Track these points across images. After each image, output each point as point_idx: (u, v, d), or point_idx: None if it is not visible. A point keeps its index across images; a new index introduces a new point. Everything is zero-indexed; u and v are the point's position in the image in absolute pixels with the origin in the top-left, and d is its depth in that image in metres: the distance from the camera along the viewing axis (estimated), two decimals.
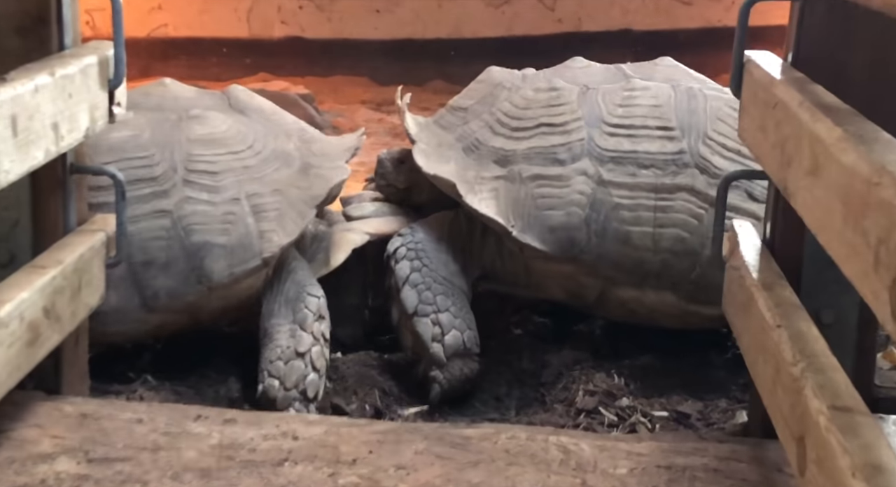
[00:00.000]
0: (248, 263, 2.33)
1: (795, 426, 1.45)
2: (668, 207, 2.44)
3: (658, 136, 2.50)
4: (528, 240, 2.44)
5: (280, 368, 2.28)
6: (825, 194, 1.37)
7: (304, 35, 6.40)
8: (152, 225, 2.29)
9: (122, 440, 1.79)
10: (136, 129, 2.37)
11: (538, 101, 2.59)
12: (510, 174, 2.51)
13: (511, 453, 1.84)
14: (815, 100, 1.53)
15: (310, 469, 1.75)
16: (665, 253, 2.44)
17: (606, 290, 2.51)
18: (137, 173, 2.32)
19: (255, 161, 2.44)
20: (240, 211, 2.35)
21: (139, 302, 2.28)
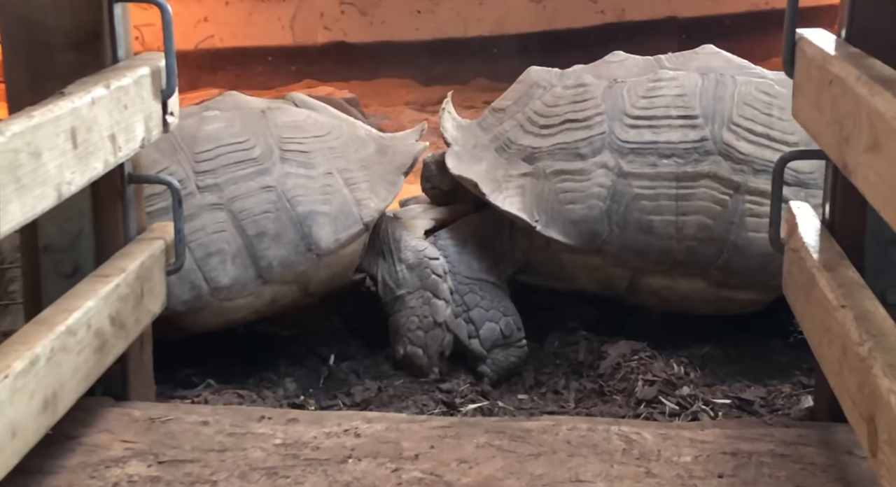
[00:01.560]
0: (350, 228, 2.47)
1: (865, 406, 1.42)
2: (691, 195, 2.45)
3: (680, 125, 2.51)
4: (552, 233, 2.50)
5: (421, 337, 2.48)
6: (888, 169, 1.34)
7: (346, 40, 6.45)
8: (260, 199, 2.42)
9: (189, 442, 1.82)
10: (227, 121, 2.53)
11: (565, 98, 2.64)
12: (536, 170, 2.57)
13: (572, 444, 1.83)
14: (873, 74, 1.50)
15: (373, 465, 1.76)
16: (690, 241, 2.46)
17: (636, 279, 2.54)
18: (237, 156, 2.47)
19: (337, 143, 2.60)
20: (335, 183, 2.50)
21: (254, 273, 2.39)
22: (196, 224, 2.38)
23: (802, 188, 2.44)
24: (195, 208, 2.39)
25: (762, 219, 2.40)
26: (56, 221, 1.94)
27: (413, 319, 2.48)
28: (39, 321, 1.62)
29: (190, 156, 2.45)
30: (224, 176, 2.44)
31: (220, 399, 2.29)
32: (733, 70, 2.61)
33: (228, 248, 2.37)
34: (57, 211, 1.71)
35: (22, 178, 1.46)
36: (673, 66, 2.65)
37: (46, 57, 1.89)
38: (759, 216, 2.43)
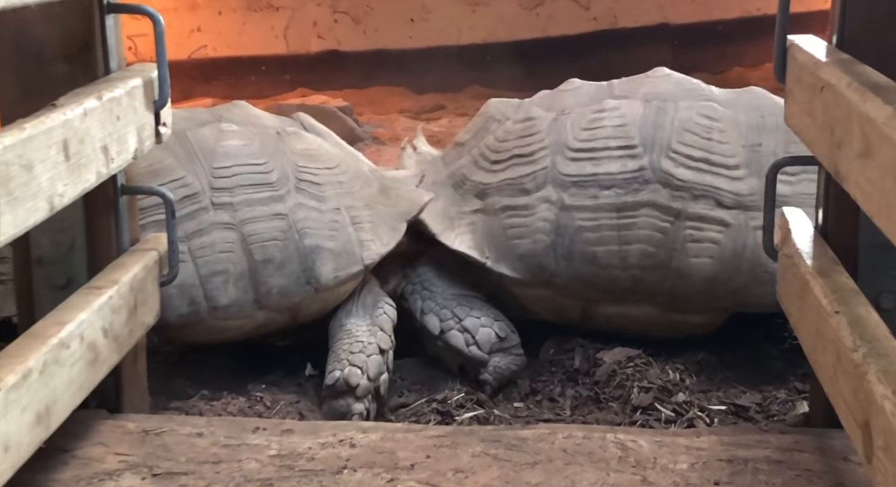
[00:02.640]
0: (350, 267, 2.50)
1: (860, 412, 1.42)
2: (632, 224, 2.51)
3: (619, 156, 2.56)
4: (501, 269, 2.58)
5: (363, 359, 2.40)
6: (879, 175, 1.34)
7: (340, 48, 6.46)
8: (271, 225, 2.45)
9: (184, 454, 1.82)
10: (246, 139, 2.55)
11: (514, 133, 2.71)
12: (486, 206, 2.66)
13: (568, 452, 1.83)
14: (864, 80, 1.50)
15: (368, 475, 1.75)
16: (634, 269, 2.51)
17: (587, 308, 2.60)
18: (255, 178, 2.49)
19: (345, 178, 2.63)
20: (342, 219, 2.53)
21: (253, 297, 2.41)
22: (206, 240, 2.40)
23: (743, 210, 2.48)
24: (207, 224, 2.42)
25: (703, 243, 2.48)
26: (48, 233, 1.93)
27: (357, 344, 2.44)
28: (32, 334, 1.61)
29: (208, 169, 2.47)
30: (240, 196, 2.46)
31: (214, 409, 2.28)
32: (681, 94, 2.65)
33: (233, 270, 2.39)
34: (49, 223, 1.71)
35: (14, 191, 1.46)
36: (622, 92, 2.70)
37: (38, 69, 1.89)
38: (700, 241, 2.50)
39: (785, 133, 2.44)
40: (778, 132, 2.52)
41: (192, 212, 2.42)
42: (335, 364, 2.41)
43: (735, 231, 2.47)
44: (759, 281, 2.43)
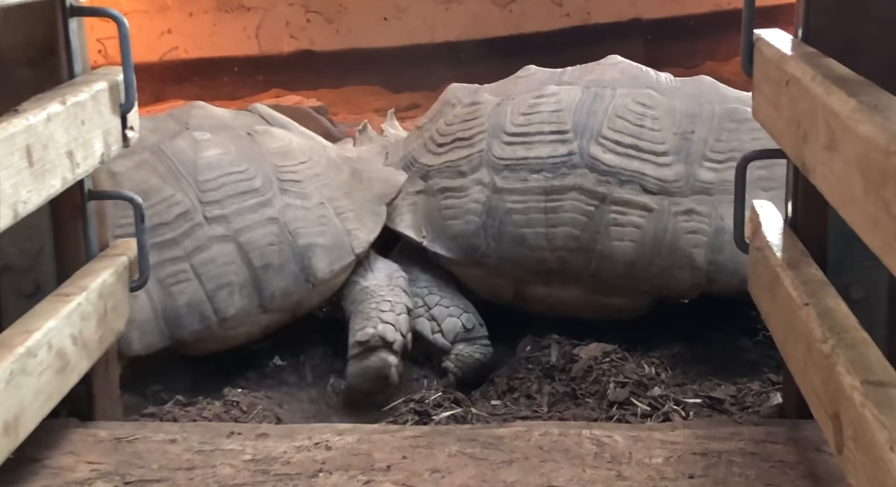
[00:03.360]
0: (343, 259, 2.56)
1: (829, 403, 1.43)
2: (559, 207, 2.56)
3: (551, 141, 2.62)
4: (436, 249, 2.66)
5: (394, 317, 2.50)
6: (844, 167, 1.35)
7: (313, 48, 6.42)
8: (265, 231, 2.49)
9: (157, 461, 1.80)
10: (222, 147, 2.56)
11: (459, 117, 2.78)
12: (427, 188, 2.74)
13: (544, 449, 1.83)
14: (828, 73, 1.51)
15: (344, 478, 1.75)
16: (560, 251, 2.57)
17: (519, 289, 2.67)
18: (241, 186, 2.53)
19: (320, 169, 2.67)
20: (328, 213, 2.58)
21: (258, 302, 2.47)
22: (206, 256, 2.44)
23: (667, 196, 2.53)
24: (205, 239, 2.45)
25: (626, 228, 2.55)
26: (15, 240, 1.91)
27: (385, 303, 2.53)
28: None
29: (193, 183, 2.48)
30: (230, 207, 2.49)
31: (189, 415, 2.26)
32: (623, 81, 2.70)
33: (236, 280, 2.44)
34: (16, 230, 1.69)
35: None
36: (570, 79, 2.75)
37: (0, 74, 1.86)
38: (623, 225, 2.56)
39: (720, 121, 2.49)
40: (713, 120, 2.58)
41: (187, 230, 2.45)
42: (365, 322, 2.49)
43: (657, 216, 2.53)
44: (678, 266, 2.51)
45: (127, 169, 2.46)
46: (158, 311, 2.37)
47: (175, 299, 2.38)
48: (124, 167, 2.46)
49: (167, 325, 2.38)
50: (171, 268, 2.40)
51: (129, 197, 2.07)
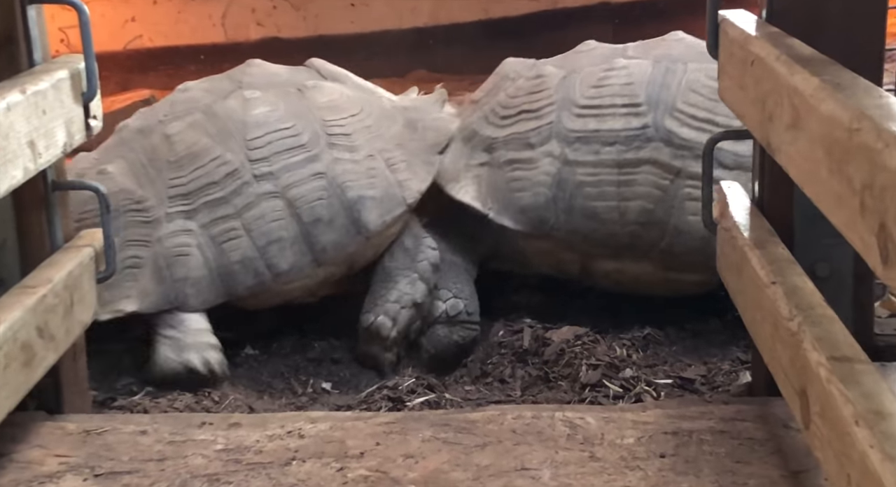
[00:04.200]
0: (394, 210, 2.57)
1: (796, 380, 1.45)
2: (632, 181, 2.53)
3: (624, 114, 2.58)
4: (503, 221, 2.60)
5: (396, 310, 2.52)
6: (808, 146, 1.36)
7: (280, 35, 6.36)
8: (313, 186, 2.52)
9: (127, 453, 1.78)
10: (270, 105, 2.58)
11: (524, 89, 2.72)
12: (492, 160, 2.68)
13: (518, 432, 1.84)
14: (792, 52, 1.52)
15: (318, 465, 1.74)
16: (632, 225, 2.54)
17: (586, 263, 2.63)
18: (288, 142, 2.54)
19: (371, 121, 2.67)
20: (378, 165, 2.59)
21: (311, 257, 2.50)
22: (256, 212, 2.48)
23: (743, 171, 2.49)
24: (253, 197, 2.48)
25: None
26: None
27: (393, 292, 2.54)
28: None
29: (242, 142, 2.52)
30: (278, 164, 2.51)
31: (160, 406, 2.24)
32: (692, 56, 2.67)
33: (287, 235, 2.48)
34: None
35: None
36: (635, 54, 2.72)
37: None
38: (699, 199, 2.45)
39: None
40: None
41: (237, 188, 2.49)
42: (370, 307, 2.54)
43: None
44: None
45: (179, 131, 2.53)
46: (213, 268, 2.44)
47: (228, 256, 2.45)
48: (177, 129, 2.54)
49: (222, 282, 2.44)
50: (223, 226, 2.46)
51: (93, 187, 2.04)
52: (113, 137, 2.67)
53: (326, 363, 2.59)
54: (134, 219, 2.46)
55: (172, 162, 2.51)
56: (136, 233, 2.45)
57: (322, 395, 2.44)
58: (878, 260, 1.09)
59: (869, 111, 1.16)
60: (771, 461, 1.68)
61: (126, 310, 2.38)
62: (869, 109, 1.16)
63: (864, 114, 1.16)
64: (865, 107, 1.17)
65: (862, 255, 1.16)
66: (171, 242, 2.44)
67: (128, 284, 2.40)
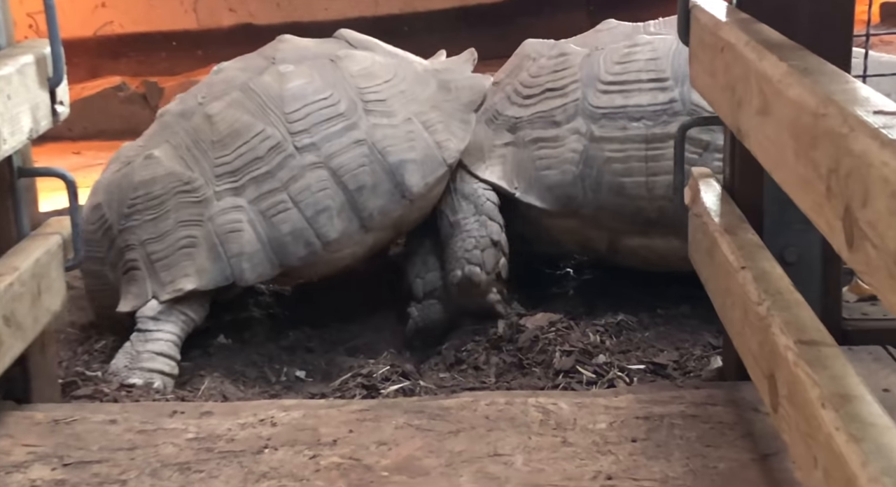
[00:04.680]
0: (436, 171, 2.62)
1: (765, 364, 1.46)
2: (660, 156, 2.51)
3: (650, 89, 2.57)
4: (530, 199, 2.62)
5: (479, 256, 2.58)
6: (776, 131, 1.37)
7: (254, 21, 6.30)
8: (355, 154, 2.57)
9: (96, 442, 1.77)
10: (305, 77, 2.63)
11: (547, 68, 2.73)
12: (517, 139, 2.69)
13: (491, 419, 1.84)
14: (761, 38, 1.53)
15: (290, 453, 1.74)
16: (661, 201, 2.52)
17: (614, 240, 2.63)
18: (326, 112, 2.59)
19: (405, 85, 2.72)
20: (416, 128, 2.63)
21: (358, 224, 2.56)
22: (301, 184, 2.53)
23: None
24: (298, 169, 2.53)
25: None
26: None
27: (470, 240, 2.59)
28: None
29: (282, 116, 2.56)
30: (318, 134, 2.56)
31: (132, 396, 2.22)
32: None
33: (333, 204, 2.53)
34: None
35: None
36: (657, 30, 2.72)
37: None
38: None
39: None
40: None
41: (281, 161, 2.53)
42: (454, 263, 2.59)
43: None
44: None
45: (220, 110, 2.58)
46: (265, 242, 2.49)
47: (278, 229, 2.50)
48: (217, 109, 2.58)
49: (275, 254, 2.49)
50: (271, 200, 2.51)
51: (60, 174, 2.01)
52: (155, 123, 2.74)
53: (300, 351, 2.58)
54: (184, 200, 2.51)
55: (216, 141, 2.55)
56: (187, 214, 2.50)
57: (296, 383, 2.43)
58: (844, 244, 1.10)
59: (835, 96, 1.17)
60: (740, 444, 1.70)
61: (186, 289, 2.43)
62: (835, 94, 1.17)
63: (830, 99, 1.17)
64: (832, 93, 1.18)
65: (828, 239, 1.17)
66: (222, 219, 2.49)
67: (185, 263, 2.46)
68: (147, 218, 2.51)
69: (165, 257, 2.47)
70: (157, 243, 2.48)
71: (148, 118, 5.68)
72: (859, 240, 1.05)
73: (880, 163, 0.99)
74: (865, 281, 1.07)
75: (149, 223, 2.50)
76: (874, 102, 1.11)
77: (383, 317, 2.75)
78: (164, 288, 2.41)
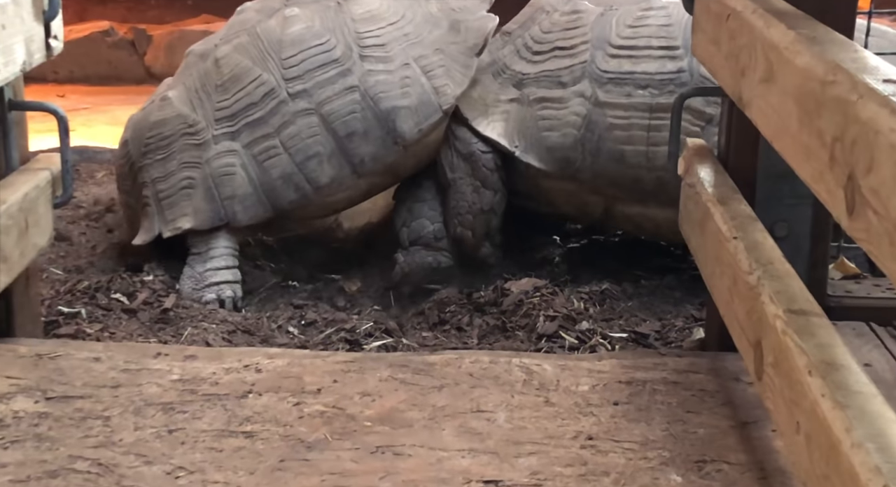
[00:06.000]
0: (431, 118, 2.63)
1: (752, 332, 1.48)
2: (662, 126, 2.45)
3: (660, 56, 2.53)
4: (529, 159, 2.60)
5: (470, 221, 2.64)
6: (780, 99, 1.37)
7: None
8: (345, 101, 2.60)
9: (80, 378, 1.76)
10: (307, 21, 2.67)
11: (559, 25, 2.68)
12: (522, 97, 2.65)
13: (475, 376, 1.85)
14: (768, 6, 1.53)
15: (274, 399, 1.74)
16: (660, 171, 2.49)
17: (610, 206, 2.63)
18: (321, 59, 2.62)
19: (411, 27, 2.72)
20: (413, 74, 2.64)
21: (350, 170, 2.60)
22: (292, 130, 2.58)
23: None
24: (290, 115, 2.58)
25: None
26: None
27: (463, 204, 2.64)
28: None
29: (279, 62, 2.61)
30: (311, 81, 2.60)
31: (115, 338, 2.21)
32: None
33: (323, 150, 2.58)
34: None
35: None
36: None
37: None
38: None
39: None
40: None
41: (274, 107, 2.59)
42: (449, 218, 2.66)
43: None
44: None
45: (226, 54, 2.64)
46: (257, 185, 2.57)
47: (269, 173, 2.57)
48: (224, 53, 2.64)
49: (267, 197, 2.57)
50: (263, 145, 2.58)
51: (52, 109, 1.98)
52: (183, 61, 2.81)
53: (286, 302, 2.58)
54: (188, 142, 2.61)
55: (219, 85, 2.62)
56: (189, 156, 2.60)
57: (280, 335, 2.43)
58: (844, 212, 1.11)
59: (844, 64, 1.17)
60: (721, 412, 1.72)
61: (184, 227, 2.55)
62: (844, 62, 1.17)
63: (839, 66, 1.17)
64: (840, 60, 1.18)
65: (827, 206, 1.18)
66: (217, 163, 2.57)
67: (184, 203, 2.57)
68: (157, 157, 2.63)
69: (169, 196, 2.59)
70: (164, 182, 2.60)
71: (135, 65, 5.62)
72: (860, 208, 1.06)
73: (888, 130, 1.00)
74: (865, 248, 1.08)
75: (158, 163, 2.63)
76: (883, 71, 1.12)
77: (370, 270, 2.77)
78: (167, 225, 2.55)
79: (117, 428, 1.61)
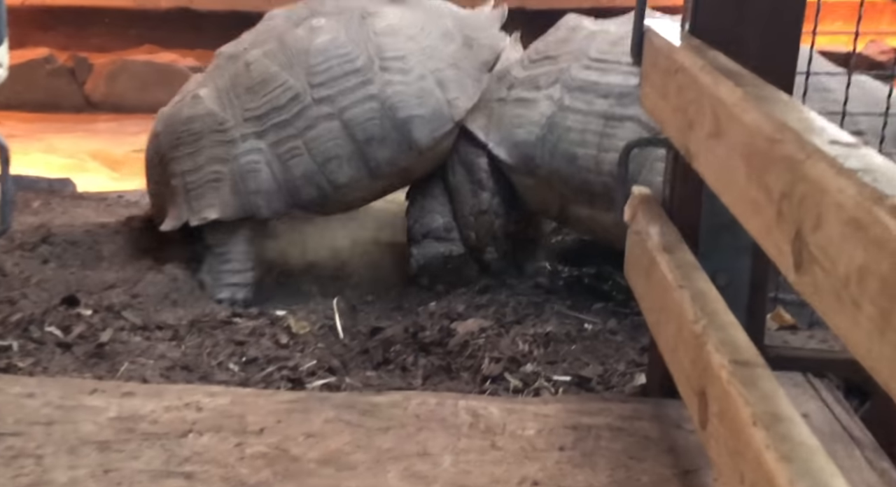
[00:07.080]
0: (444, 127, 2.88)
1: (697, 381, 1.50)
2: (613, 135, 2.67)
3: (625, 71, 2.71)
4: (499, 152, 2.84)
5: (472, 222, 2.88)
6: (727, 154, 1.41)
7: (192, 6, 6.18)
8: (366, 108, 2.82)
9: (11, 415, 1.69)
10: (332, 32, 2.89)
11: (556, 39, 2.92)
12: (507, 96, 2.89)
13: (421, 418, 1.84)
14: (716, 64, 1.58)
15: (215, 439, 1.70)
16: (606, 176, 2.67)
17: (564, 206, 2.84)
18: (345, 68, 2.85)
19: (429, 42, 2.95)
20: (428, 86, 2.87)
21: (366, 172, 2.85)
22: (315, 133, 2.80)
23: None
24: (313, 119, 2.81)
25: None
26: None
27: (466, 206, 2.88)
28: None
29: (305, 69, 2.83)
30: (335, 88, 2.81)
31: (48, 373, 2.14)
32: None
33: (343, 153, 2.81)
34: None
35: None
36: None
37: None
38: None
39: None
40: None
41: (299, 111, 2.81)
42: (458, 221, 2.88)
43: None
44: None
45: (256, 59, 2.86)
46: (280, 182, 2.81)
47: (292, 171, 2.80)
48: (254, 57, 2.87)
49: (288, 193, 2.82)
50: (287, 145, 2.81)
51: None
52: (213, 61, 3.01)
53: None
54: (217, 138, 2.81)
55: (248, 88, 2.84)
56: (218, 152, 2.81)
57: (220, 372, 2.38)
58: (791, 267, 1.14)
59: (791, 123, 1.21)
60: (664, 459, 1.74)
61: (210, 217, 2.79)
62: (791, 122, 1.22)
63: (786, 125, 1.21)
64: (788, 120, 1.23)
65: (775, 262, 1.21)
66: (244, 159, 2.80)
67: (211, 195, 2.79)
68: (187, 151, 2.83)
69: (197, 188, 2.77)
70: (193, 175, 2.79)
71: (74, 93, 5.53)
72: (808, 264, 1.10)
73: (835, 190, 1.03)
74: (812, 303, 1.11)
75: (188, 156, 2.83)
76: (830, 133, 1.16)
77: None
78: (194, 215, 2.78)
79: (50, 468, 1.55)
